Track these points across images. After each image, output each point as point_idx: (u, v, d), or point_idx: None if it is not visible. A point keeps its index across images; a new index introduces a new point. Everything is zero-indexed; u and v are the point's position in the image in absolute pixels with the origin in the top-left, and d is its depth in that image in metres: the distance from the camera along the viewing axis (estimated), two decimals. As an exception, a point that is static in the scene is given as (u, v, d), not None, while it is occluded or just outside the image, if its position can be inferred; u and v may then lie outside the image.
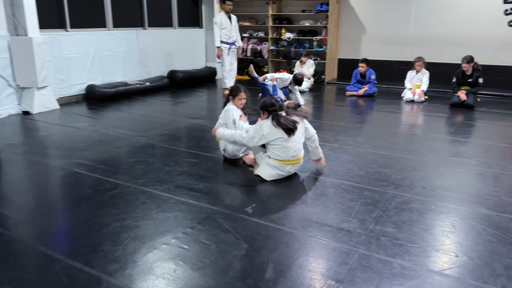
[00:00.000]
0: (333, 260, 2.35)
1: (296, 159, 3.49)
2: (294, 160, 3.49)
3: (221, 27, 7.28)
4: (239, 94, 4.09)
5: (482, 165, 3.92)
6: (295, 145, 3.44)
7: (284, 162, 3.45)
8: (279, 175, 3.51)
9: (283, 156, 3.43)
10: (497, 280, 2.17)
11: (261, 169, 3.56)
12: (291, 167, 3.51)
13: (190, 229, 2.69)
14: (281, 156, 3.43)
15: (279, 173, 3.50)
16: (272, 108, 3.45)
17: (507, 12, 7.43)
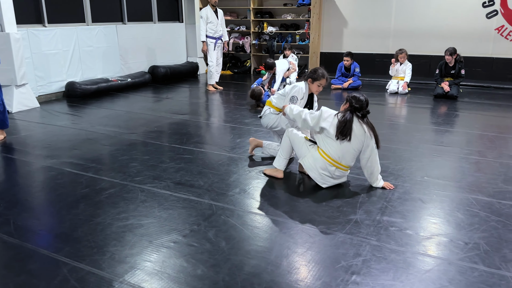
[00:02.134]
0: (345, 252, 2.34)
1: (342, 164, 3.12)
2: (340, 164, 3.11)
3: (207, 21, 7.17)
4: (320, 80, 3.59)
5: (475, 154, 4.00)
6: (346, 151, 3.07)
7: (331, 160, 3.10)
8: (321, 175, 3.13)
9: (331, 152, 3.08)
10: (509, 265, 2.21)
11: (305, 160, 3.22)
12: (335, 169, 3.11)
13: (197, 226, 2.62)
14: (329, 151, 3.08)
15: (321, 172, 3.12)
16: (356, 104, 3.04)
17: (485, 5, 7.61)
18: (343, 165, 3.12)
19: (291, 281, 2.09)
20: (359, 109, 3.06)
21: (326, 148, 3.11)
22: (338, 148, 3.07)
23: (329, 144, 3.09)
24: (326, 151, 3.11)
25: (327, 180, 3.16)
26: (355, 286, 2.05)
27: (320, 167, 3.13)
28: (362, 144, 3.07)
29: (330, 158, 3.10)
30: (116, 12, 7.72)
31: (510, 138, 4.59)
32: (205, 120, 5.51)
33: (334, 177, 3.17)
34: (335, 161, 3.10)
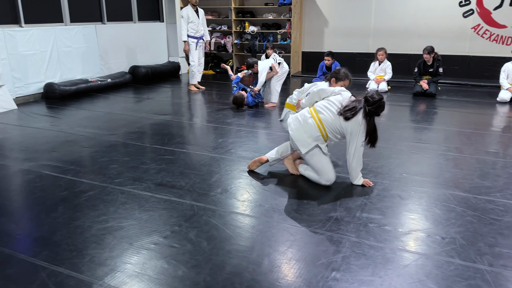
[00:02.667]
0: (326, 249, 2.36)
1: (326, 133, 3.15)
2: (325, 132, 3.14)
3: (188, 21, 7.14)
4: (344, 81, 3.66)
5: (452, 150, 4.08)
6: (335, 126, 3.11)
7: (320, 126, 3.13)
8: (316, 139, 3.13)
9: (324, 118, 3.12)
10: (483, 258, 2.27)
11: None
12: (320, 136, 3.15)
13: (178, 227, 2.61)
14: (324, 117, 3.12)
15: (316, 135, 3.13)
16: (371, 98, 3.06)
17: (462, 4, 7.78)
18: (326, 134, 3.15)
19: (273, 279, 2.10)
20: (370, 104, 3.04)
21: (324, 113, 3.13)
22: (333, 119, 3.10)
23: (327, 110, 3.13)
24: (321, 115, 3.14)
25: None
26: (335, 282, 2.07)
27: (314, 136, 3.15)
28: (349, 134, 3.09)
29: (321, 123, 3.13)
30: (95, 12, 7.62)
31: (486, 134, 4.70)
32: (187, 120, 5.49)
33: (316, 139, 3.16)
34: (323, 127, 3.13)
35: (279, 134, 4.59)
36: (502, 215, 2.75)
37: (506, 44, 7.66)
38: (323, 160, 3.21)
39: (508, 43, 7.65)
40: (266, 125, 5.10)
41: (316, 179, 3.26)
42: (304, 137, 3.16)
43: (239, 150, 4.08)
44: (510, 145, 4.33)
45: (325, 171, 3.20)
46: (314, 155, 3.19)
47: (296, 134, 3.20)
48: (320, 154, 3.21)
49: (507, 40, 7.68)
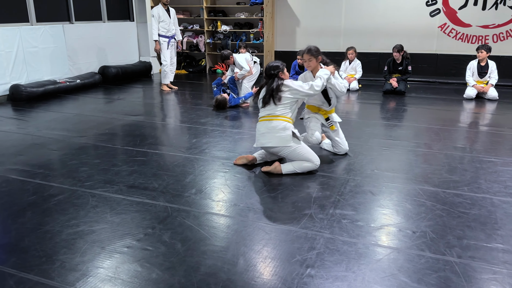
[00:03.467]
0: (300, 247, 2.38)
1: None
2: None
3: (159, 20, 7.06)
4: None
5: (421, 146, 4.19)
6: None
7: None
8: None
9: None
10: (452, 251, 2.34)
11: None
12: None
13: (151, 229, 2.58)
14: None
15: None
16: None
17: (429, 4, 7.99)
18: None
19: (248, 278, 2.10)
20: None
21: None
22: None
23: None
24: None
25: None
26: (309, 279, 2.09)
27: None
28: (295, 94, 3.52)
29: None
30: (62, 11, 7.41)
31: (453, 130, 4.85)
32: (160, 121, 5.42)
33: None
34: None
35: (253, 134, 4.59)
36: (470, 208, 2.84)
37: (471, 42, 7.91)
38: (304, 147, 3.47)
39: (473, 41, 7.91)
40: (240, 125, 5.10)
41: (309, 166, 3.45)
42: (278, 137, 3.37)
43: (214, 150, 4.06)
44: (476, 140, 4.49)
45: (312, 154, 3.46)
46: (296, 147, 3.42)
47: (273, 143, 3.43)
48: (300, 143, 3.46)
49: (472, 38, 7.94)
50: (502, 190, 3.12)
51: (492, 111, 5.85)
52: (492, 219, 2.69)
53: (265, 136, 3.47)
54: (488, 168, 3.58)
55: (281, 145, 3.41)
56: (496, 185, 3.21)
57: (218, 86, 6.16)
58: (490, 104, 6.18)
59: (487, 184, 3.24)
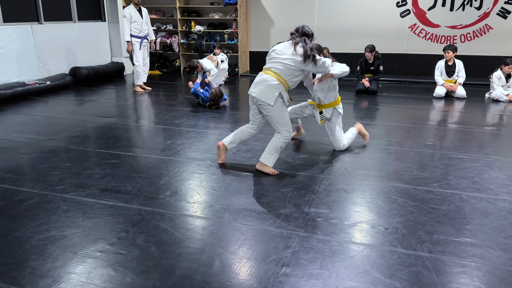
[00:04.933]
0: (276, 246, 2.40)
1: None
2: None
3: (131, 20, 6.97)
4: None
5: (393, 144, 4.28)
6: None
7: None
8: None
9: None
10: (423, 246, 2.40)
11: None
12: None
13: (125, 233, 2.54)
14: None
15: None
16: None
17: (399, 5, 8.18)
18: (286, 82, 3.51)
19: (224, 279, 2.10)
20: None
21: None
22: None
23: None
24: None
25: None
26: (285, 278, 2.11)
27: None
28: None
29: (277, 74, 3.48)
30: (30, 11, 7.19)
31: (424, 128, 4.98)
32: (133, 122, 5.34)
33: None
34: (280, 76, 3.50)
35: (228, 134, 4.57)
36: (440, 204, 2.92)
37: (440, 42, 8.14)
38: (283, 114, 3.47)
39: (442, 41, 8.14)
40: (215, 125, 5.08)
41: (279, 141, 3.47)
42: (264, 91, 3.40)
43: (189, 151, 4.04)
44: (446, 138, 4.62)
45: (286, 122, 3.47)
46: (276, 110, 3.41)
47: (256, 94, 3.42)
48: (281, 108, 3.45)
49: (441, 38, 8.18)
50: (470, 186, 3.23)
51: (461, 109, 6.04)
52: (461, 214, 2.77)
53: (255, 85, 3.48)
54: (457, 164, 3.69)
55: (262, 99, 3.38)
56: (464, 181, 3.31)
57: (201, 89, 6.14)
58: (459, 102, 6.37)
59: (456, 180, 3.34)
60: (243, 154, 3.95)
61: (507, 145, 4.40)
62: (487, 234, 2.53)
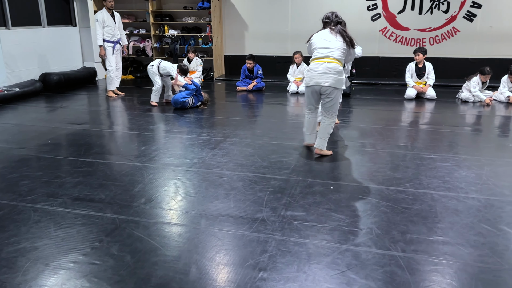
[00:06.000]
0: (253, 250, 2.40)
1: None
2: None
3: (104, 25, 6.86)
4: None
5: (366, 146, 4.36)
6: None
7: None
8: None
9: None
10: (397, 245, 2.45)
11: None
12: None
13: (99, 242, 2.49)
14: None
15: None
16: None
17: (370, 8, 8.34)
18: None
19: (201, 286, 2.09)
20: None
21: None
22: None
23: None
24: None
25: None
26: (262, 282, 2.11)
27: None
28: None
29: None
30: (-4, 16, 6.98)
31: (396, 129, 5.08)
32: (107, 128, 5.24)
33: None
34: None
35: (204, 139, 4.57)
36: (412, 204, 2.99)
37: (410, 45, 8.35)
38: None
39: (411, 44, 8.35)
40: (190, 130, 5.03)
41: (331, 127, 3.94)
42: (336, 78, 3.73)
43: (164, 157, 3.99)
44: (417, 138, 4.73)
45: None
46: (340, 96, 3.90)
47: (330, 83, 3.71)
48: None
49: (411, 41, 8.38)
50: (441, 185, 3.32)
51: (431, 110, 6.21)
52: (433, 213, 2.85)
53: (323, 76, 3.72)
54: (428, 164, 3.79)
55: (337, 86, 3.72)
56: (435, 181, 3.40)
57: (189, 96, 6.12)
58: (429, 104, 6.55)
59: (427, 179, 3.43)
60: (219, 158, 3.93)
61: (475, 144, 4.55)
62: (457, 232, 2.60)
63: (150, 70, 6.42)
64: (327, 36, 3.83)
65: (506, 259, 2.32)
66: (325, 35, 3.85)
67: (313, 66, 3.81)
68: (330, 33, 3.83)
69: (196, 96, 6.19)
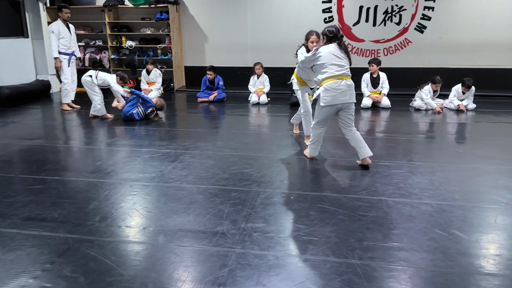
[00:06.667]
0: (213, 265, 2.37)
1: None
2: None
3: (59, 36, 6.67)
4: (310, 37, 4.45)
5: (325, 155, 4.43)
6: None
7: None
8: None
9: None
10: (354, 253, 2.50)
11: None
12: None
13: (50, 264, 2.38)
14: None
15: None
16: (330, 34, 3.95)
17: (326, 21, 8.57)
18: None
19: (158, 305, 2.03)
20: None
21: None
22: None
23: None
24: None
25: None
26: (221, 298, 2.08)
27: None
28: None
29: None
30: None
31: (353, 138, 5.20)
32: (61, 143, 5.05)
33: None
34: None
35: (163, 152, 4.50)
36: (368, 211, 3.07)
37: (365, 56, 8.63)
38: None
39: (367, 55, 8.64)
40: (149, 143, 4.93)
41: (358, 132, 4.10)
42: (353, 94, 3.98)
43: (120, 172, 3.89)
44: (373, 146, 4.84)
45: None
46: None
47: (352, 99, 3.96)
48: None
49: (366, 52, 8.67)
50: (395, 192, 3.42)
51: (386, 118, 6.42)
52: (388, 220, 2.93)
53: (346, 93, 3.88)
54: (383, 172, 3.90)
55: (353, 101, 3.94)
56: (390, 187, 3.51)
57: (135, 106, 6.00)
58: (384, 112, 6.77)
59: (382, 187, 3.52)
60: (179, 172, 3.88)
61: (428, 151, 4.74)
62: (412, 238, 2.69)
63: (87, 81, 6.20)
64: (337, 52, 3.88)
65: (457, 262, 2.41)
66: (335, 50, 3.88)
67: (332, 85, 3.84)
68: (337, 49, 3.89)
69: (144, 104, 6.07)
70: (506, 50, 8.21)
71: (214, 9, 8.92)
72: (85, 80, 6.21)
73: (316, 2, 8.56)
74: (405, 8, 8.32)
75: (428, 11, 8.26)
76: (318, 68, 3.96)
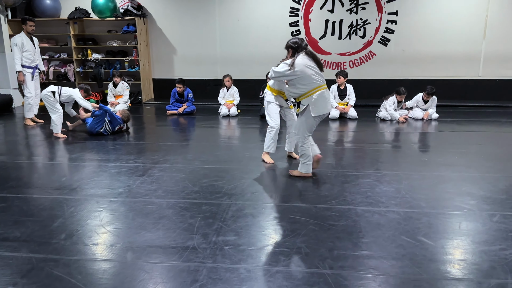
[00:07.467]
0: (183, 281, 2.33)
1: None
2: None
3: (23, 49, 6.48)
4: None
5: (296, 166, 4.47)
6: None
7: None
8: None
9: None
10: (325, 263, 2.51)
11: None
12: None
13: (13, 286, 2.27)
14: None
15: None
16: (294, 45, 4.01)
17: (294, 34, 8.72)
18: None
19: (127, 324, 1.97)
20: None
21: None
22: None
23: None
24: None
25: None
26: (192, 314, 2.04)
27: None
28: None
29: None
30: None
31: (321, 148, 5.25)
32: (24, 159, 4.87)
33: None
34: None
35: (131, 166, 4.41)
36: (338, 220, 3.10)
37: (332, 68, 8.82)
38: None
39: (333, 67, 8.83)
40: (116, 157, 4.82)
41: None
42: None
43: (86, 188, 3.78)
44: (341, 157, 4.96)
45: None
46: None
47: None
48: None
49: (333, 65, 8.87)
50: (364, 201, 3.49)
51: (353, 129, 6.56)
52: (357, 228, 2.97)
53: (328, 102, 3.97)
54: (351, 181, 3.97)
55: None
56: (359, 196, 3.57)
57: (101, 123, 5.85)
58: (352, 123, 6.92)
59: (351, 196, 3.58)
60: (148, 186, 3.81)
61: (394, 160, 4.87)
62: (380, 245, 2.74)
63: (48, 98, 5.87)
64: (309, 62, 3.86)
65: (424, 268, 2.47)
66: (307, 61, 3.85)
67: (324, 94, 3.88)
68: (308, 59, 3.87)
69: (111, 123, 5.89)
70: (465, 61, 8.60)
71: (183, 22, 8.92)
72: (46, 96, 5.89)
73: (284, 15, 8.71)
74: (369, 22, 8.59)
75: (391, 24, 8.56)
76: (298, 81, 3.87)
